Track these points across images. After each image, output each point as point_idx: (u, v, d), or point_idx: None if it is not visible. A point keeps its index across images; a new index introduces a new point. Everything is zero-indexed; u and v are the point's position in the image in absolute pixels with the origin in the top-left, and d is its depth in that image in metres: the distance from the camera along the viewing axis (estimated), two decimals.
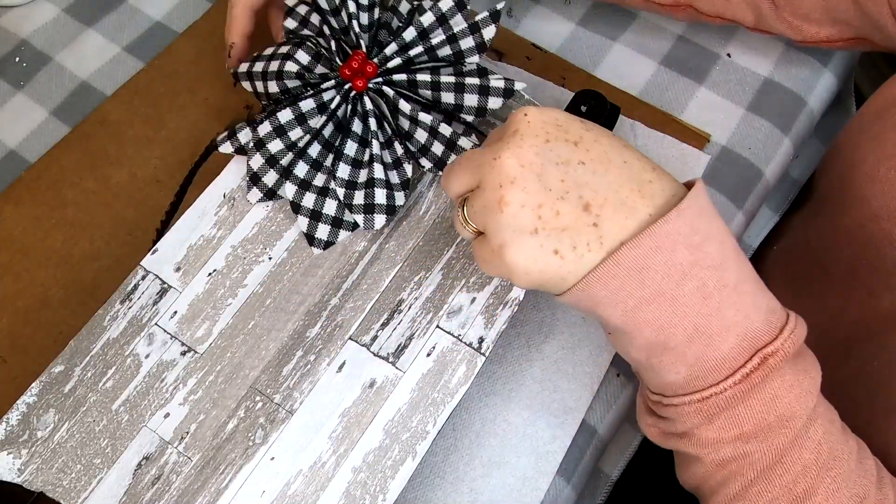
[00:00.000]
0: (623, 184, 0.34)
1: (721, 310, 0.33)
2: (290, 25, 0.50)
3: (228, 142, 0.46)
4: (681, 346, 0.34)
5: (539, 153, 0.34)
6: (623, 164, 0.34)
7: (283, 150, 0.45)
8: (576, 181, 0.33)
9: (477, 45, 0.46)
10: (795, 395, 0.34)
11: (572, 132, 0.35)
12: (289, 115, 0.45)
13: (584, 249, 0.33)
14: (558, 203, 0.33)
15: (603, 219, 0.33)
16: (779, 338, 0.34)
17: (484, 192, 0.34)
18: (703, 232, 0.33)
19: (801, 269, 0.54)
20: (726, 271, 0.34)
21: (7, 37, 0.61)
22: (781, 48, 0.60)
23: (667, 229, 0.32)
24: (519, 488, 0.45)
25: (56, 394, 0.42)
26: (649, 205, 0.33)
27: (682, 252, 0.33)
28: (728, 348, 0.34)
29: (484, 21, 0.46)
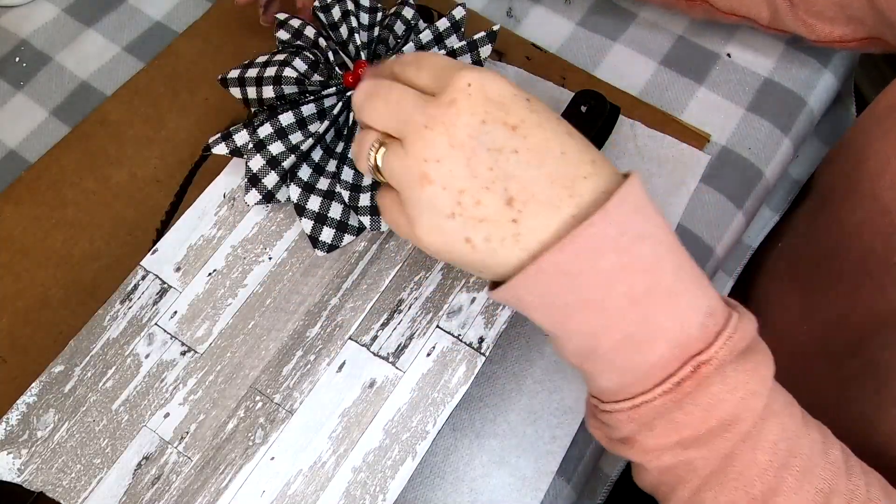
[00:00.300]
0: (554, 179, 0.31)
1: (651, 316, 0.31)
2: (283, 37, 0.50)
3: (223, 143, 0.46)
4: (610, 353, 0.32)
5: (472, 135, 0.31)
6: (560, 156, 0.32)
7: (284, 152, 0.45)
8: (505, 171, 0.31)
9: (473, 63, 0.48)
10: (740, 397, 0.32)
11: (513, 114, 0.32)
12: (290, 118, 0.45)
13: (498, 244, 0.32)
14: (481, 192, 0.31)
15: (524, 215, 0.31)
16: (713, 345, 0.32)
17: (407, 158, 0.32)
18: (634, 232, 0.31)
19: (807, 266, 0.54)
20: (659, 274, 0.31)
21: (7, 37, 0.61)
22: (781, 48, 0.60)
23: (591, 232, 0.30)
24: (519, 488, 0.45)
25: (56, 394, 0.42)
26: (575, 204, 0.31)
27: (609, 256, 0.31)
28: (658, 355, 0.32)
29: (481, 40, 0.47)
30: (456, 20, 0.48)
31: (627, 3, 0.62)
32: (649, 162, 0.55)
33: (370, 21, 0.50)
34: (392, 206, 0.34)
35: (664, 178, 0.54)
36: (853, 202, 0.48)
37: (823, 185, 0.56)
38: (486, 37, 0.47)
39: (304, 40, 0.49)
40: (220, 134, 0.46)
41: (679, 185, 0.54)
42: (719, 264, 0.55)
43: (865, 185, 0.46)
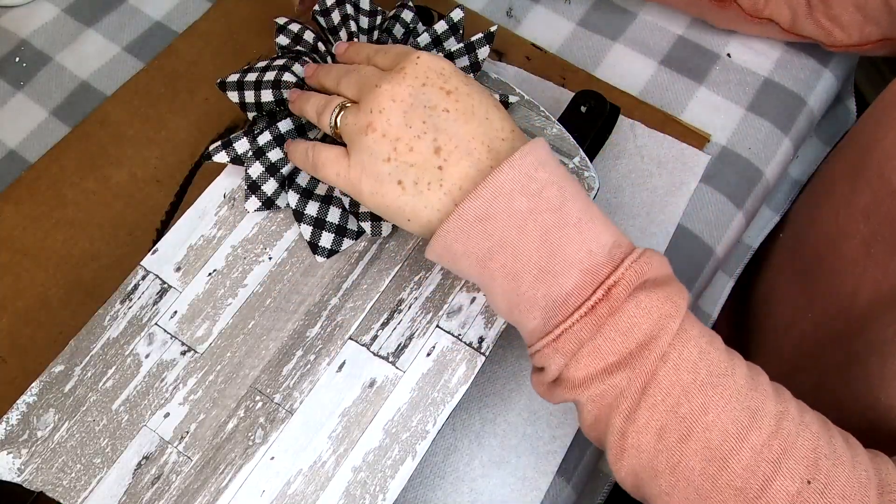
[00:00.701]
0: (476, 136, 0.37)
1: (562, 248, 0.35)
2: (283, 42, 0.50)
3: (223, 151, 0.46)
4: (531, 291, 0.36)
5: (412, 94, 0.38)
6: (484, 120, 0.38)
7: (283, 158, 0.45)
8: (435, 125, 0.37)
9: (472, 65, 0.48)
10: (654, 319, 0.34)
11: (450, 83, 0.38)
12: (289, 125, 0.45)
13: (425, 187, 0.37)
14: (414, 141, 0.37)
15: (449, 163, 0.37)
16: (619, 267, 0.35)
17: (359, 113, 0.39)
18: (541, 180, 0.36)
19: (809, 255, 0.54)
20: (566, 212, 0.36)
21: (7, 37, 0.61)
22: (781, 48, 0.60)
23: (501, 178, 0.35)
24: (519, 488, 0.45)
25: (56, 393, 0.42)
26: (493, 158, 0.37)
27: (519, 199, 0.35)
28: (572, 284, 0.35)
29: (479, 42, 0.48)
30: (454, 22, 0.48)
31: (627, 3, 0.62)
32: (649, 162, 0.55)
33: (370, 24, 0.50)
34: (336, 158, 0.40)
35: (664, 178, 0.54)
36: (861, 186, 0.48)
37: (829, 174, 0.56)
38: (484, 38, 0.47)
39: (303, 45, 0.49)
40: (220, 142, 0.46)
41: (679, 185, 0.54)
42: (719, 264, 0.55)
43: (874, 170, 0.47)
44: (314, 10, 0.50)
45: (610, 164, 0.55)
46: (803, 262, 0.55)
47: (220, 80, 0.48)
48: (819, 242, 0.53)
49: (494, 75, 0.50)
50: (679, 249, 0.53)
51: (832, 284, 0.50)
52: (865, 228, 0.48)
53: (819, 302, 0.51)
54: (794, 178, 0.65)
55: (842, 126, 0.66)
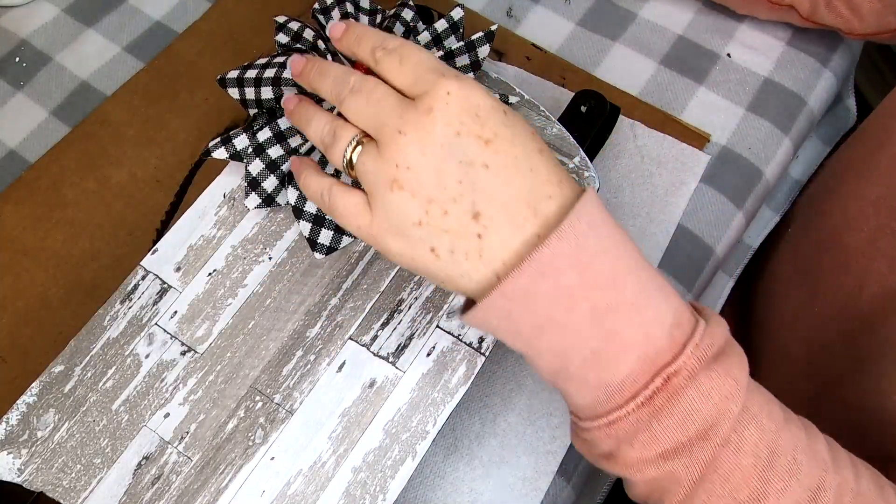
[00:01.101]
0: (521, 197, 0.32)
1: (616, 331, 0.31)
2: (283, 40, 0.50)
3: (223, 147, 0.46)
4: (580, 371, 0.32)
5: (445, 145, 0.32)
6: (529, 173, 0.32)
7: (283, 155, 0.45)
8: (473, 185, 0.32)
9: (472, 63, 0.48)
10: (714, 403, 0.32)
11: (488, 127, 0.32)
12: (289, 122, 0.45)
13: (462, 257, 0.32)
14: (449, 204, 0.32)
15: (489, 231, 0.32)
16: (681, 355, 0.31)
17: (380, 161, 0.33)
18: (592, 250, 0.31)
19: (813, 248, 0.54)
20: (620, 289, 0.32)
21: (7, 37, 0.61)
22: (781, 48, 0.60)
23: (548, 254, 0.30)
24: (519, 488, 0.45)
25: (56, 394, 0.42)
26: (539, 225, 0.32)
27: (568, 275, 0.31)
28: (628, 370, 0.32)
29: (479, 40, 0.47)
30: (454, 21, 0.48)
31: (627, 3, 0.62)
32: (649, 162, 0.55)
33: (370, 23, 0.50)
34: (356, 208, 0.35)
35: (664, 178, 0.54)
36: (873, 178, 0.48)
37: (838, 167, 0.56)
38: (484, 37, 0.47)
39: (303, 43, 0.49)
40: (219, 138, 0.46)
41: (679, 185, 0.54)
42: (719, 264, 0.55)
43: (886, 162, 0.46)
44: (314, 9, 0.50)
45: (610, 164, 0.55)
46: (807, 256, 0.55)
47: (220, 76, 0.48)
48: (824, 235, 0.53)
49: (494, 75, 0.50)
50: (679, 249, 0.53)
51: (836, 278, 0.50)
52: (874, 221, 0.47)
53: (823, 297, 0.51)
54: (794, 178, 0.65)
55: (842, 126, 0.66)
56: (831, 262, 0.51)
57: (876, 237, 0.47)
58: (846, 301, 0.48)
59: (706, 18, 0.61)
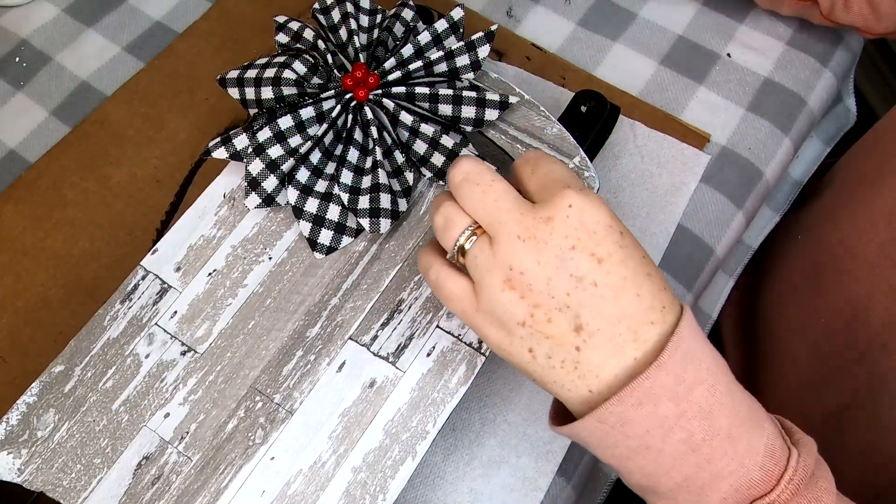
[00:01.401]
0: (623, 319, 0.33)
1: (710, 461, 0.32)
2: (283, 40, 0.50)
3: (223, 147, 0.46)
4: (671, 493, 0.33)
5: (559, 256, 0.33)
6: (635, 298, 0.33)
7: (283, 155, 0.45)
8: (580, 300, 0.32)
9: (471, 63, 0.48)
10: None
11: (603, 247, 0.33)
12: (289, 122, 0.45)
13: (558, 363, 0.33)
14: (554, 312, 0.33)
15: (588, 346, 0.33)
16: (776, 488, 0.32)
17: (494, 258, 0.34)
18: (690, 380, 0.32)
19: (823, 256, 0.54)
20: (716, 419, 0.32)
21: (7, 37, 0.61)
22: (781, 48, 0.60)
23: (648, 384, 0.31)
24: (519, 488, 0.45)
25: (56, 394, 0.42)
26: (639, 350, 0.32)
27: (665, 405, 0.32)
28: (719, 499, 0.32)
29: (479, 40, 0.47)
30: (454, 21, 0.48)
31: (627, 3, 0.62)
32: (649, 162, 0.55)
33: (370, 23, 0.50)
34: (462, 294, 0.35)
35: (664, 178, 0.54)
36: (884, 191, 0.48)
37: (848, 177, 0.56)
38: (485, 37, 0.47)
39: (303, 43, 0.49)
40: (219, 138, 0.46)
41: (679, 185, 0.54)
42: (719, 264, 0.55)
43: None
44: (314, 9, 0.50)
45: (610, 164, 0.55)
46: (816, 263, 0.55)
47: (220, 76, 0.48)
48: (834, 244, 0.53)
49: (494, 75, 0.50)
50: (679, 249, 0.53)
51: (845, 287, 0.50)
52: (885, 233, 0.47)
53: (831, 305, 0.51)
54: (794, 178, 0.65)
55: (842, 126, 0.66)
56: (841, 269, 0.51)
57: (887, 248, 0.46)
58: (854, 310, 0.48)
59: (706, 18, 0.61)
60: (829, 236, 0.54)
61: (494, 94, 0.47)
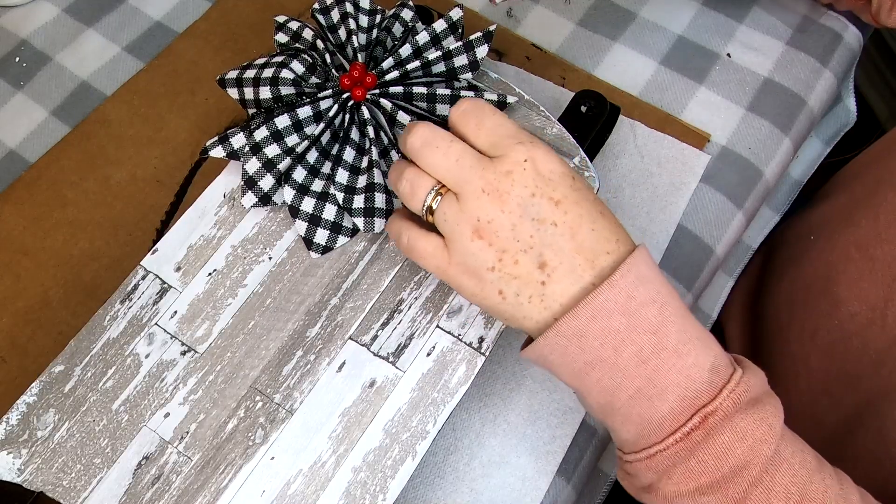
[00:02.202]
0: (582, 251, 0.36)
1: (659, 372, 0.35)
2: (282, 40, 0.50)
3: (220, 146, 0.46)
4: (625, 407, 0.36)
5: (521, 204, 0.36)
6: (590, 232, 0.36)
7: (280, 154, 0.45)
8: (542, 240, 0.36)
9: (470, 63, 0.48)
10: (749, 444, 0.34)
11: (558, 190, 0.36)
12: (286, 121, 0.45)
13: (525, 300, 0.36)
14: (520, 254, 0.36)
15: (552, 280, 0.36)
16: (718, 397, 0.34)
17: (461, 213, 0.37)
18: (641, 298, 0.35)
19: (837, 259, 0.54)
20: (665, 334, 0.35)
21: (7, 37, 0.61)
22: (781, 48, 0.60)
23: (601, 299, 0.34)
24: (519, 488, 0.45)
25: (56, 393, 0.42)
26: (595, 275, 0.36)
27: (617, 319, 0.35)
28: (668, 408, 0.35)
29: (477, 41, 0.47)
30: (453, 21, 0.48)
31: (627, 3, 0.62)
32: (649, 162, 0.55)
33: (369, 23, 0.50)
34: (435, 251, 0.38)
35: (664, 178, 0.54)
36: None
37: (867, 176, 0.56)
38: (483, 37, 0.47)
39: (302, 43, 0.49)
40: (217, 137, 0.46)
41: (679, 185, 0.54)
42: (719, 264, 0.55)
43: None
44: (313, 9, 0.50)
45: (610, 164, 0.55)
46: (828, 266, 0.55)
47: (219, 76, 0.48)
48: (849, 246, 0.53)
49: (494, 75, 0.50)
50: (679, 249, 0.53)
51: (861, 290, 0.50)
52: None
53: (845, 309, 0.51)
54: (794, 178, 0.65)
55: (842, 126, 0.66)
56: (856, 273, 0.51)
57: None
58: (871, 316, 0.48)
59: (706, 18, 0.61)
60: (843, 237, 0.54)
61: (493, 93, 0.47)
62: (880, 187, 0.53)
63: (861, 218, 0.53)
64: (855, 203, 0.56)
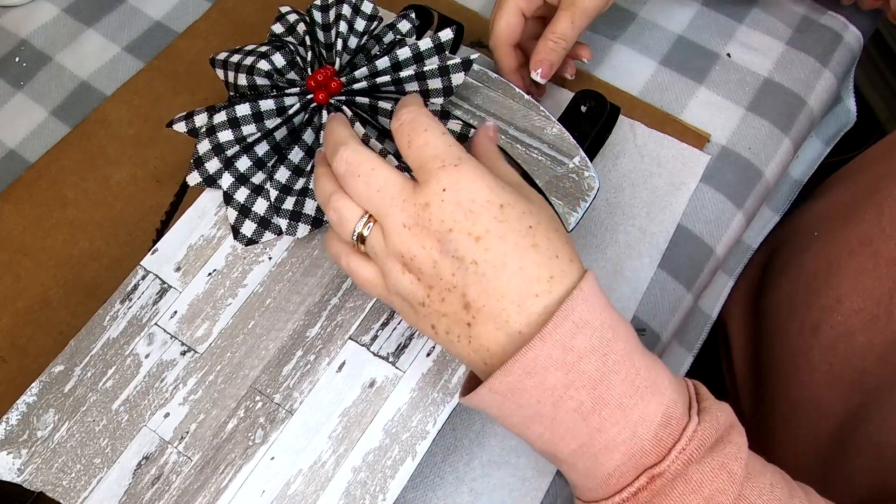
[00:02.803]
0: (506, 294, 0.33)
1: (603, 429, 0.33)
2: (278, 30, 0.50)
3: (183, 122, 0.47)
4: (570, 459, 0.34)
5: (441, 240, 0.34)
6: (517, 271, 0.33)
7: (231, 141, 0.45)
8: (464, 279, 0.33)
9: (444, 88, 0.45)
10: (706, 495, 0.32)
11: (479, 224, 0.33)
12: (246, 111, 0.45)
13: (455, 338, 0.35)
14: (445, 293, 0.34)
15: (477, 322, 0.34)
16: (667, 458, 0.32)
17: (387, 246, 0.35)
18: (579, 350, 0.32)
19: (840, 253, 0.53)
20: (607, 388, 0.32)
21: (7, 37, 0.61)
22: (781, 48, 0.60)
23: (532, 356, 0.32)
24: (519, 488, 0.45)
25: (56, 394, 0.42)
26: (523, 322, 0.33)
27: (554, 374, 0.32)
28: (614, 465, 0.33)
29: (454, 67, 0.45)
30: (440, 42, 0.46)
31: (627, 3, 0.62)
32: (649, 162, 0.55)
33: (364, 28, 0.50)
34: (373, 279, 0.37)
35: (664, 178, 0.54)
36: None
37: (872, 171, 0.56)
38: (461, 65, 0.45)
39: (294, 36, 0.50)
40: (185, 112, 0.47)
41: (679, 185, 0.54)
42: (719, 264, 0.55)
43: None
44: (313, 4, 0.50)
45: (610, 164, 0.55)
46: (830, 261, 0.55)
47: (211, 56, 0.49)
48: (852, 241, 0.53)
49: (494, 75, 0.50)
50: (679, 249, 0.53)
51: (864, 285, 0.50)
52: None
53: (848, 304, 0.51)
54: (794, 178, 0.65)
55: (842, 126, 0.66)
56: (859, 268, 0.51)
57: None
58: (876, 311, 0.48)
59: (706, 18, 0.62)
60: (846, 233, 0.54)
61: (456, 124, 0.46)
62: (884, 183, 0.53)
63: (864, 213, 0.53)
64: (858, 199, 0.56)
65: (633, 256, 0.51)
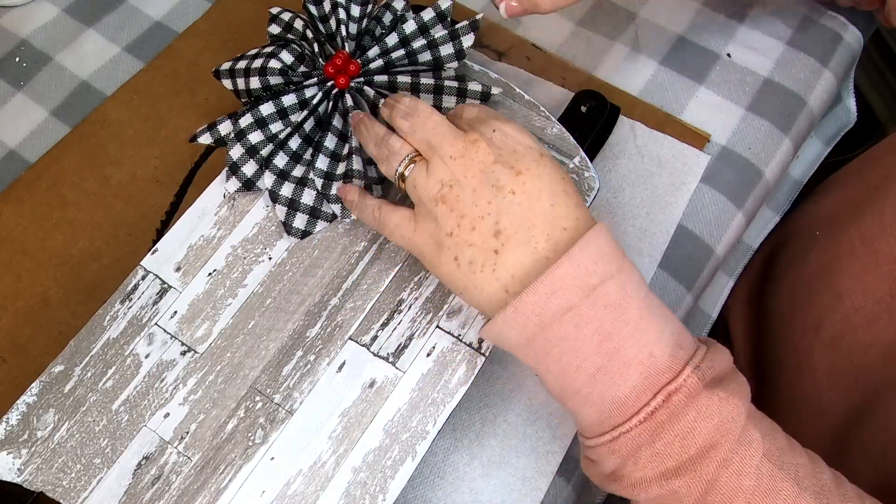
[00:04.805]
0: (537, 224, 0.36)
1: (620, 349, 0.34)
2: (275, 31, 0.50)
3: (208, 132, 0.47)
4: (586, 387, 0.35)
5: (483, 170, 0.37)
6: (549, 208, 0.36)
7: (263, 140, 0.46)
8: (499, 207, 0.36)
9: (456, 52, 0.47)
10: (715, 424, 0.33)
11: (522, 162, 0.37)
12: (270, 109, 0.46)
13: (478, 268, 0.37)
14: (477, 220, 0.37)
15: (505, 248, 0.36)
16: (682, 373, 0.34)
17: (429, 179, 0.38)
18: (600, 274, 0.34)
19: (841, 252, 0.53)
20: (626, 310, 0.34)
21: (7, 37, 0.61)
22: (781, 48, 0.60)
23: (559, 273, 0.34)
24: (519, 488, 0.45)
25: (56, 394, 0.42)
26: (550, 248, 0.36)
27: (577, 294, 0.34)
28: (630, 387, 0.34)
29: (463, 29, 0.47)
30: (441, 10, 0.48)
31: (627, 3, 0.62)
32: (649, 162, 0.55)
33: (360, 13, 0.50)
34: (403, 220, 0.40)
35: (664, 178, 0.54)
36: None
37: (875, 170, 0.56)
38: (469, 26, 0.47)
39: (293, 33, 0.50)
40: (206, 124, 0.47)
41: (679, 185, 0.54)
42: (719, 264, 0.55)
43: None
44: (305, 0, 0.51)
45: (610, 164, 0.55)
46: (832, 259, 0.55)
47: (215, 68, 0.48)
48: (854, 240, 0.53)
49: (494, 75, 0.50)
50: (679, 249, 0.53)
51: (865, 284, 0.50)
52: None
53: (850, 302, 0.51)
54: (794, 178, 0.65)
55: (842, 126, 0.66)
56: (860, 266, 0.51)
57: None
58: (877, 309, 0.48)
59: (706, 18, 0.61)
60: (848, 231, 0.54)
61: (477, 84, 0.47)
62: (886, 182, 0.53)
63: (866, 213, 0.53)
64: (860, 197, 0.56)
65: (633, 256, 0.51)
